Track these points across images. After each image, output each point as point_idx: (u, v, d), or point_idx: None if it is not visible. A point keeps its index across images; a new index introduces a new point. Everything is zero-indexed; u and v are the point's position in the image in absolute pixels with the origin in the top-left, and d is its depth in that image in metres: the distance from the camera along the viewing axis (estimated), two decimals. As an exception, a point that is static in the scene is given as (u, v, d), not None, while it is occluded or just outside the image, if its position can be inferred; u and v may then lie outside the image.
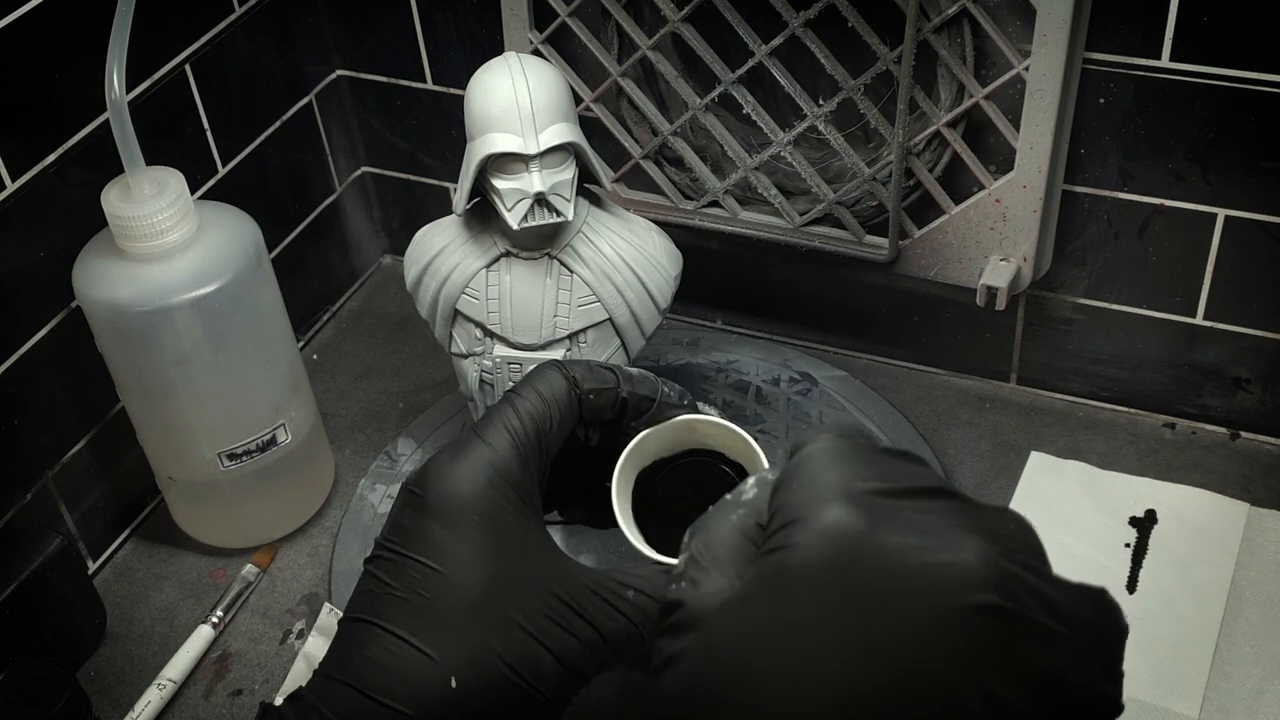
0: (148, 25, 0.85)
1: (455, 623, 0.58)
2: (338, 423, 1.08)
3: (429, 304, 0.89)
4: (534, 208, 0.81)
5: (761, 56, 0.93)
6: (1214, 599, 0.88)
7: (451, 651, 0.57)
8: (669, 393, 0.67)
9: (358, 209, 1.21)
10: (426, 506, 0.60)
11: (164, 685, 0.88)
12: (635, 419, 0.66)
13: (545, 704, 0.59)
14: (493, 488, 0.60)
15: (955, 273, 0.97)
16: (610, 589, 0.61)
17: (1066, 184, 0.94)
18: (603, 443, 0.68)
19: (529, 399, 0.63)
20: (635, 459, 0.66)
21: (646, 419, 0.66)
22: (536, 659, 0.59)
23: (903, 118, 0.90)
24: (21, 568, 0.86)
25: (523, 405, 0.63)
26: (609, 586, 0.61)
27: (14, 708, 0.80)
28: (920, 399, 1.06)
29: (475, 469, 0.61)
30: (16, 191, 0.86)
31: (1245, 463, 0.99)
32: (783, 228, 1.00)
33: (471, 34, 1.05)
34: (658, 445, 0.67)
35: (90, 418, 0.95)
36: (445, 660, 0.57)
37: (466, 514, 0.59)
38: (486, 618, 0.58)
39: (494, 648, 0.58)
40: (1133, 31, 0.86)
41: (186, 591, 0.97)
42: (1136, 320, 0.99)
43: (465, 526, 0.59)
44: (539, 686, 0.59)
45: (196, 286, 0.84)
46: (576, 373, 0.65)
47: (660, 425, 0.67)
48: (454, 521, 0.59)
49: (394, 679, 0.57)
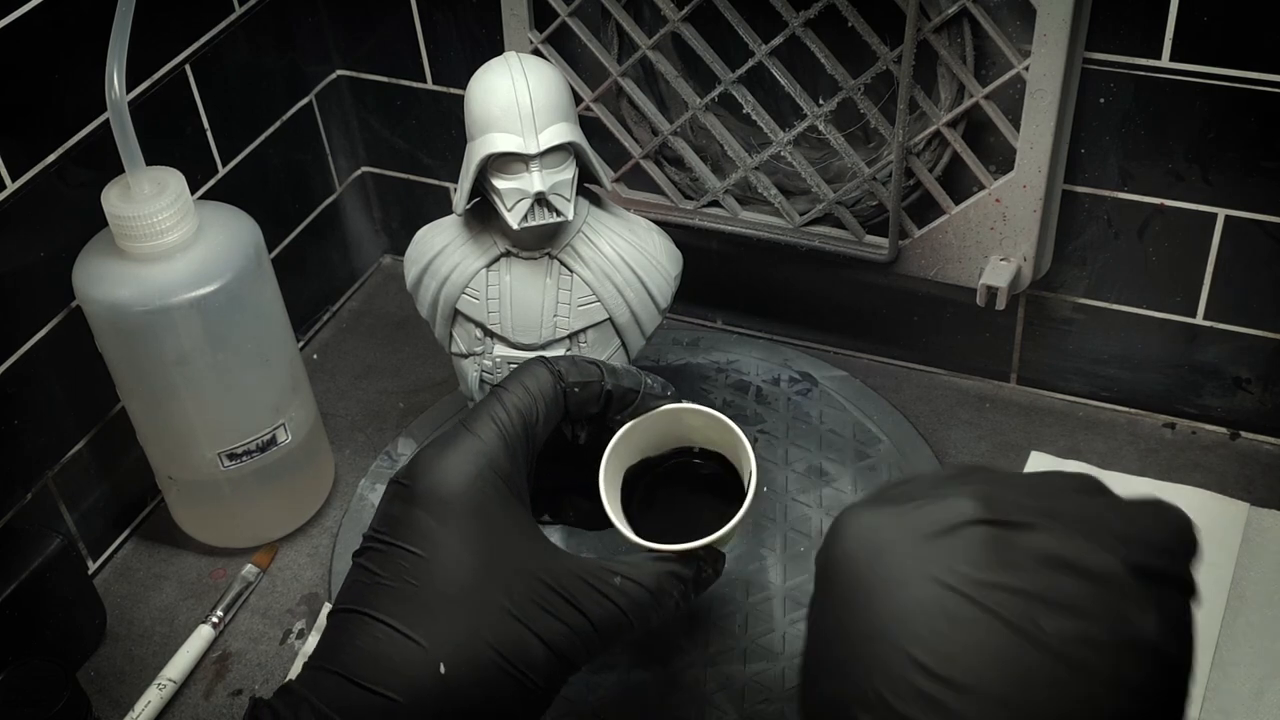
0: (148, 25, 0.85)
1: (444, 610, 0.58)
2: (338, 423, 1.08)
3: (429, 304, 0.89)
4: (534, 207, 0.81)
5: (761, 56, 0.93)
6: (1214, 599, 0.88)
7: (441, 638, 0.58)
8: (652, 384, 0.67)
9: (358, 209, 1.21)
10: (415, 496, 0.60)
11: (164, 685, 0.88)
12: (620, 412, 0.67)
13: (536, 691, 0.60)
14: (481, 479, 0.60)
15: (955, 273, 0.97)
16: (598, 576, 0.61)
17: (1066, 184, 0.94)
18: (590, 441, 0.68)
19: (515, 393, 0.63)
20: (623, 450, 0.67)
21: (631, 412, 0.67)
22: (526, 645, 0.59)
23: (903, 118, 0.90)
24: (21, 568, 0.86)
25: (509, 399, 0.63)
26: (597, 574, 0.61)
27: (14, 708, 0.80)
28: (920, 399, 1.06)
29: (463, 460, 0.61)
30: (16, 191, 0.86)
31: (1245, 463, 0.99)
32: (783, 228, 1.00)
33: (471, 34, 1.05)
34: (643, 438, 0.68)
35: (90, 418, 0.95)
36: (435, 647, 0.57)
37: (455, 504, 0.60)
38: (475, 605, 0.58)
39: (483, 634, 0.58)
40: (1133, 31, 0.86)
41: (186, 591, 0.97)
42: (1136, 320, 0.99)
43: (453, 516, 0.60)
44: (529, 673, 0.59)
45: (196, 286, 0.84)
46: (561, 366, 0.65)
47: (646, 415, 0.67)
48: (442, 511, 0.60)
49: (384, 667, 0.57)
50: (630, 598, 0.61)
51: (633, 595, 0.61)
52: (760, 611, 0.89)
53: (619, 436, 0.66)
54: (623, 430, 0.67)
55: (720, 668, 0.86)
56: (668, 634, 0.88)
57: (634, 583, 0.62)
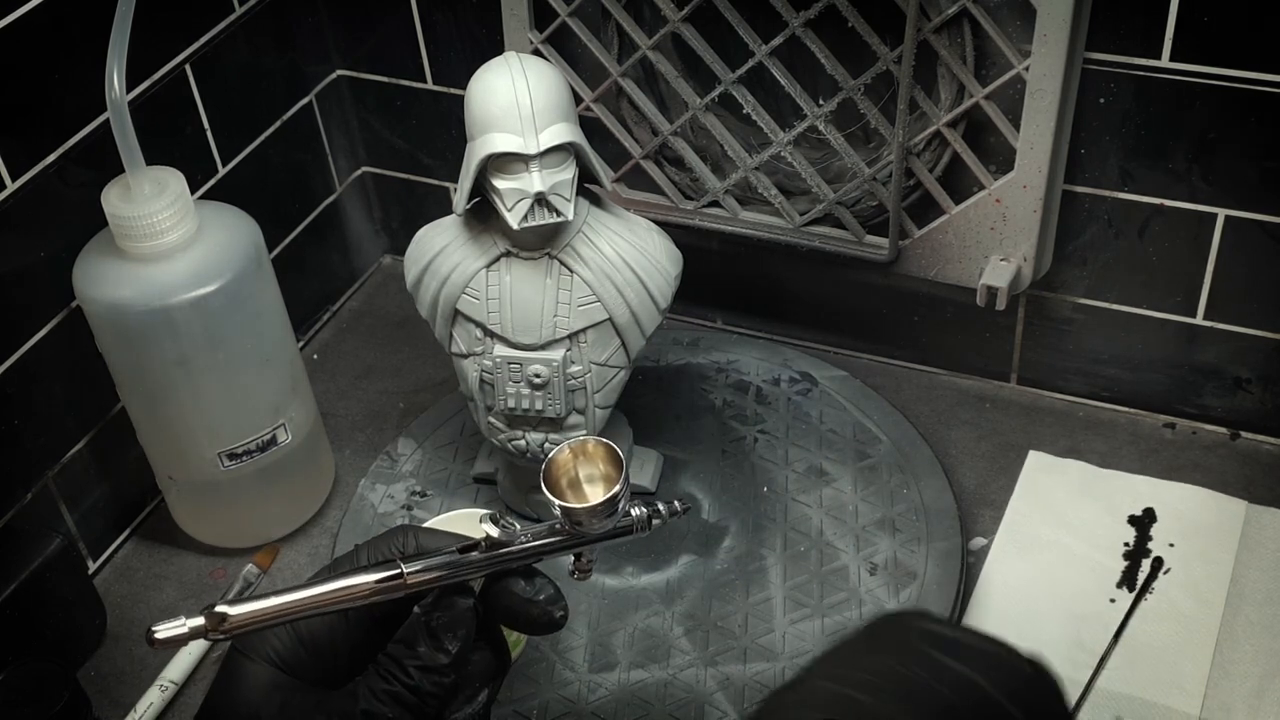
0: (148, 25, 0.85)
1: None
2: (338, 423, 1.08)
3: (429, 304, 0.89)
4: (534, 207, 0.81)
5: (761, 56, 0.93)
6: (1214, 597, 0.88)
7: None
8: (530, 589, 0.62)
9: (358, 209, 1.21)
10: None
11: (165, 686, 0.88)
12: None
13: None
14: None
15: (955, 273, 0.97)
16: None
17: (1066, 184, 0.94)
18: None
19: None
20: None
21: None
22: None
23: (903, 118, 0.90)
24: (21, 568, 0.86)
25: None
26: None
27: (14, 708, 0.80)
28: (920, 399, 1.06)
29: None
30: (17, 191, 0.86)
31: (1245, 463, 0.99)
32: (783, 228, 1.00)
33: (471, 34, 1.05)
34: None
35: (90, 418, 0.95)
36: None
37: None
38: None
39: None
40: (1133, 31, 0.86)
41: (187, 591, 0.97)
42: (1136, 320, 0.99)
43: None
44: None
45: (196, 286, 0.84)
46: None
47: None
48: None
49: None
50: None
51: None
52: (760, 611, 0.89)
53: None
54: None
55: (720, 668, 0.86)
56: (668, 634, 0.88)
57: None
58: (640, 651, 0.88)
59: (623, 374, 0.89)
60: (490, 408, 0.90)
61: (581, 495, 0.63)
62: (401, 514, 0.98)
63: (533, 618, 0.61)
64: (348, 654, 0.60)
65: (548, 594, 0.61)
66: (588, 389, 0.88)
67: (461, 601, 0.60)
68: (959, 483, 0.98)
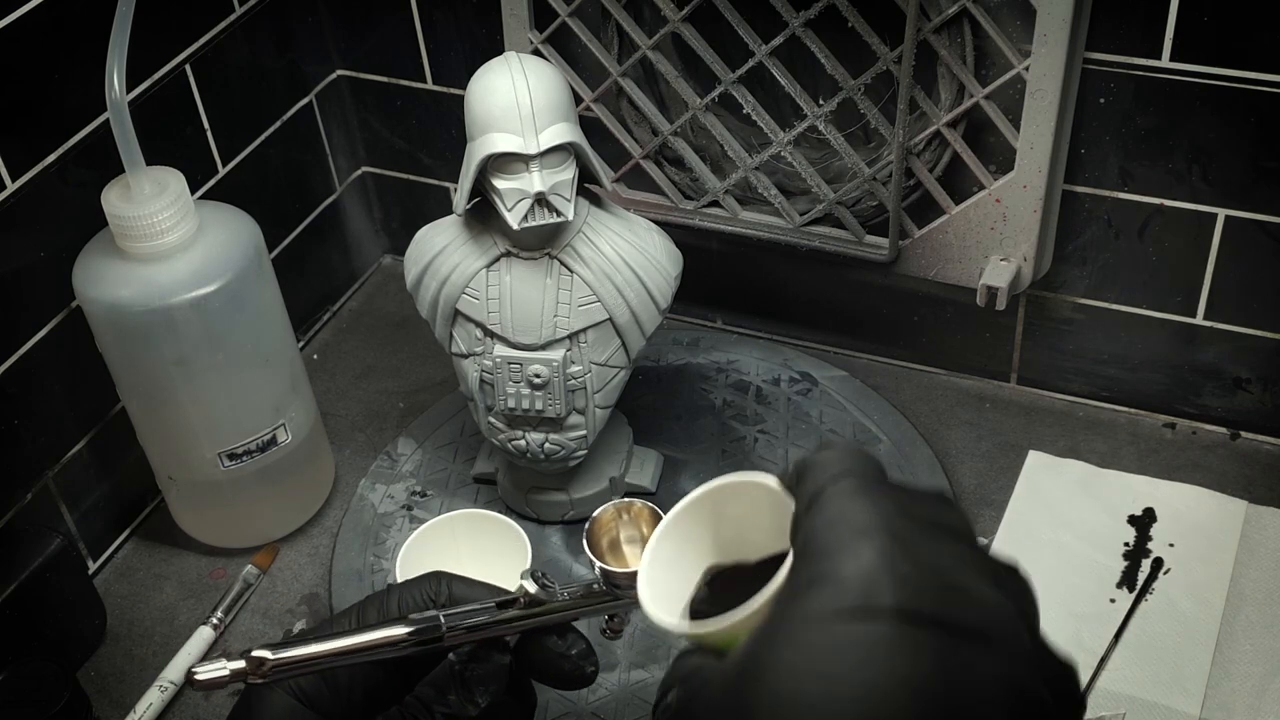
0: (148, 25, 0.85)
1: None
2: (338, 423, 1.08)
3: (429, 304, 0.89)
4: (534, 208, 0.81)
5: (761, 56, 0.93)
6: (1214, 596, 0.88)
7: None
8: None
9: (358, 209, 1.21)
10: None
11: (165, 687, 0.88)
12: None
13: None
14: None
15: (955, 273, 0.97)
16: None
17: (1066, 184, 0.94)
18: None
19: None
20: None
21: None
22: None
23: (903, 118, 0.90)
24: (21, 568, 0.86)
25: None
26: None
27: (14, 708, 0.80)
28: (920, 399, 1.06)
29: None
30: (17, 191, 0.86)
31: (1245, 463, 0.99)
32: (783, 228, 1.00)
33: (471, 34, 1.05)
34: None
35: (90, 418, 0.95)
36: None
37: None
38: None
39: None
40: (1133, 31, 0.86)
41: (187, 592, 0.97)
42: (1136, 320, 0.99)
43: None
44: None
45: (196, 286, 0.84)
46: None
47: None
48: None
49: None
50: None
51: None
52: (760, 611, 0.89)
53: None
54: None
55: (720, 668, 0.86)
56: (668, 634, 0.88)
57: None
58: (640, 651, 0.87)
59: (623, 374, 0.89)
60: (490, 408, 0.90)
61: (620, 557, 0.63)
62: (401, 514, 0.98)
63: (565, 673, 0.61)
64: (364, 694, 0.60)
65: (580, 649, 0.61)
66: (588, 389, 0.88)
67: (499, 658, 0.60)
68: (959, 482, 0.98)
